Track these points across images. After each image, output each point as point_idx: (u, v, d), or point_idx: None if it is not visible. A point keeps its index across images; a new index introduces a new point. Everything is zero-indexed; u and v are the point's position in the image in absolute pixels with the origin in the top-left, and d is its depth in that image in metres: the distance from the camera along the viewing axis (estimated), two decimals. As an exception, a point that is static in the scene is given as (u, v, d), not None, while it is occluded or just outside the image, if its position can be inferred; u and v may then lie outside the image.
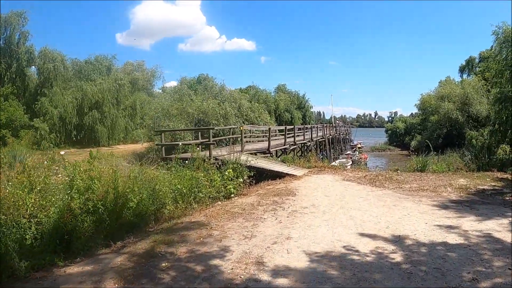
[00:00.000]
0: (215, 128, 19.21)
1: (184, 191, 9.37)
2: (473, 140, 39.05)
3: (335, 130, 43.85)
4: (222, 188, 10.37)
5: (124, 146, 40.31)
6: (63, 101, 39.29)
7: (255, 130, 26.89)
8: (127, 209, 7.75)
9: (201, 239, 6.38)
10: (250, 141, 23.79)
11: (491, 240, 5.95)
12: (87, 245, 6.47)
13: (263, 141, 23.26)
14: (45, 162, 9.19)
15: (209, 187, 10.05)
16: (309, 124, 47.71)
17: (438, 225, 6.72)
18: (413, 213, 7.55)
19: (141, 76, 53.66)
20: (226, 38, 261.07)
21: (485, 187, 10.58)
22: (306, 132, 28.00)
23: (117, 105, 44.27)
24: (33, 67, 44.24)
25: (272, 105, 47.25)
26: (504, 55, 18.50)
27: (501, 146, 17.23)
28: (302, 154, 27.39)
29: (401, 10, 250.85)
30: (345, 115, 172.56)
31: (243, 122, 29.63)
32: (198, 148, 12.79)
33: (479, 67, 48.78)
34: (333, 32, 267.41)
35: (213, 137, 22.05)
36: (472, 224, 6.80)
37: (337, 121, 62.85)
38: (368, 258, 5.21)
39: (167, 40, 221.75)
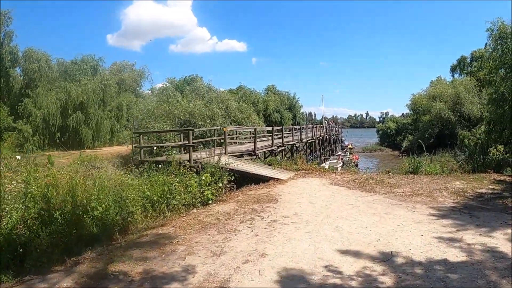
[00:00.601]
0: (195, 129, 18.22)
1: (155, 198, 8.52)
2: (465, 140, 38.73)
3: (326, 131, 43.04)
4: (199, 194, 9.51)
5: (109, 148, 39.16)
6: (46, 102, 38.11)
7: (243, 131, 25.98)
8: (90, 219, 6.94)
9: (163, 255, 5.52)
10: (236, 143, 22.98)
11: (497, 256, 5.14)
12: (40, 261, 5.72)
13: (250, 142, 22.38)
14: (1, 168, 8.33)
15: (184, 194, 9.19)
16: (299, 125, 46.94)
17: (435, 238, 5.89)
18: (407, 223, 6.71)
19: (128, 76, 52.49)
20: (217, 39, 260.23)
21: (483, 190, 9.81)
22: (295, 133, 27.13)
23: (103, 106, 43.11)
24: (18, 68, 43.01)
25: (261, 105, 46.29)
26: (500, 52, 17.79)
27: (495, 146, 16.63)
28: (292, 156, 26.59)
29: (393, 11, 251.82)
30: (336, 116, 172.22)
31: (231, 123, 28.76)
32: (174, 152, 11.93)
33: (471, 66, 48.44)
34: (324, 33, 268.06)
35: (199, 138, 21.38)
36: (473, 236, 5.99)
37: (327, 121, 62.25)
38: (353, 283, 4.34)
39: (158, 41, 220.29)
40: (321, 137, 37.39)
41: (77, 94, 38.13)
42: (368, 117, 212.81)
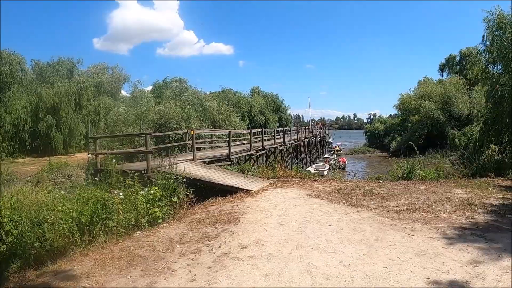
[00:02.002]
0: (155, 134, 16.18)
1: (83, 220, 6.64)
2: (456, 140, 37.63)
3: (312, 133, 41.24)
4: (144, 213, 7.62)
5: (84, 154, 36.96)
6: (17, 106, 35.89)
7: (222, 134, 24.01)
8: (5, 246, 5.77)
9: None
10: (213, 147, 21.04)
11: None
12: None
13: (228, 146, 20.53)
14: None
15: (125, 212, 7.30)
16: (286, 127, 45.12)
17: (447, 282, 4.10)
18: (406, 256, 4.89)
19: (106, 79, 50.21)
20: (204, 42, 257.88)
21: (492, 201, 8.11)
22: (277, 135, 25.23)
23: (79, 110, 40.86)
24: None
25: (245, 107, 44.26)
26: (498, 44, 16.25)
27: (490, 146, 15.14)
28: (275, 159, 24.83)
29: (378, 12, 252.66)
30: (324, 118, 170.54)
31: (208, 126, 26.93)
32: (114, 160, 10.01)
33: (460, 65, 47.44)
34: (310, 36, 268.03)
35: (173, 142, 19.55)
36: (498, 275, 4.25)
37: (313, 123, 60.66)
38: None
39: (145, 44, 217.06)
40: (306, 140, 35.62)
41: (48, 97, 35.89)
42: (356, 118, 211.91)
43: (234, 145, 20.64)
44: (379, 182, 11.30)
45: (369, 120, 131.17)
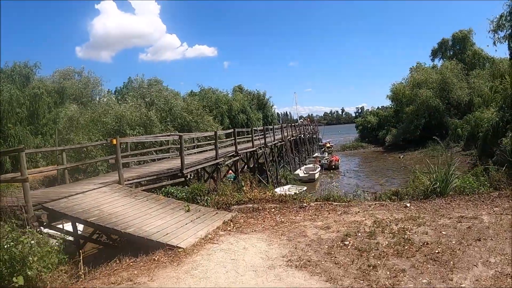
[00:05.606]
0: (26, 150, 11.41)
1: None
2: (458, 129, 33.77)
3: (298, 130, 36.84)
4: None
5: (40, 169, 32.31)
6: (-43, 121, 31.18)
7: (164, 141, 18.36)
8: None
9: None
10: (170, 157, 16.55)
11: None
12: None
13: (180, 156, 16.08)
14: None
15: None
16: (271, 125, 40.75)
17: None
18: None
19: (71, 84, 45.18)
20: (188, 45, 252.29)
21: None
22: (256, 136, 20.64)
23: (36, 119, 36.10)
24: None
25: (224, 106, 39.64)
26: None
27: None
28: (255, 166, 20.47)
29: (360, 3, 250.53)
30: (312, 114, 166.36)
31: (175, 128, 22.64)
32: None
33: (458, 48, 43.84)
34: (291, 33, 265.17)
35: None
36: None
37: (301, 120, 56.55)
38: None
39: (127, 51, 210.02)
40: (293, 138, 31.31)
41: (-15, 106, 31.07)
42: (344, 113, 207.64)
43: (197, 152, 16.25)
44: (406, 206, 6.99)
45: (357, 114, 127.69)
